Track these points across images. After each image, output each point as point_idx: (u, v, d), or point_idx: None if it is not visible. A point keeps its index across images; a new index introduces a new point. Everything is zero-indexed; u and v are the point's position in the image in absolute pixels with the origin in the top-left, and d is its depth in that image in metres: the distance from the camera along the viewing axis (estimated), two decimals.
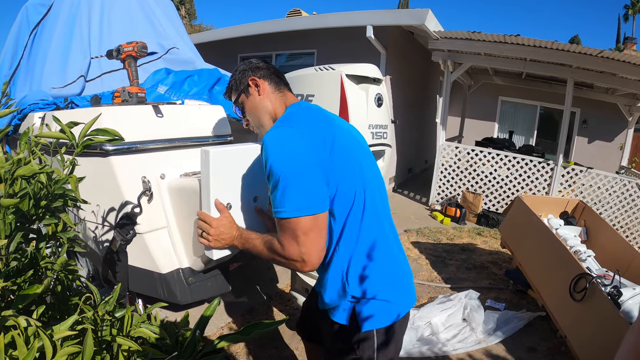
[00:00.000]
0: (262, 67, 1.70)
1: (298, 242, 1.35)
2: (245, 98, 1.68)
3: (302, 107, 1.61)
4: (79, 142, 1.22)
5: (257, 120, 1.68)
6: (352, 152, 1.51)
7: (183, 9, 38.37)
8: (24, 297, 0.96)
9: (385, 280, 1.50)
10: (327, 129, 1.46)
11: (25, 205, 1.12)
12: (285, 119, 1.53)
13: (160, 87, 3.22)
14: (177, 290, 2.21)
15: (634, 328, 1.02)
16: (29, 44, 3.63)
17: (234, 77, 1.72)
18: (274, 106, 1.65)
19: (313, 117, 1.54)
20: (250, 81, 1.66)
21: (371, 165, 1.61)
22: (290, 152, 1.34)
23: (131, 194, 2.12)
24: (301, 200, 1.32)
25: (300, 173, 1.33)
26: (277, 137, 1.38)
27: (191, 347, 0.91)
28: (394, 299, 1.51)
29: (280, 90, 1.68)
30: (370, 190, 1.51)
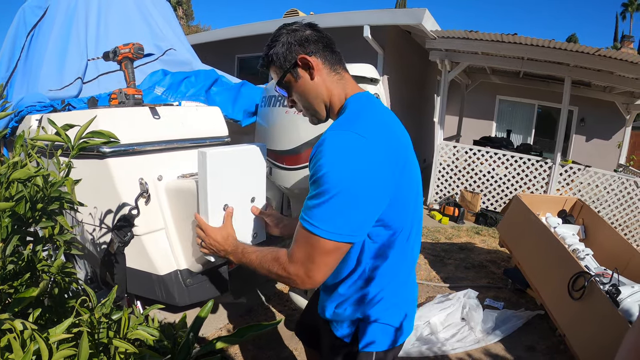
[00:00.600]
0: (312, 38, 1.37)
1: (312, 260, 1.21)
2: (293, 79, 1.39)
3: (370, 106, 1.35)
4: (75, 145, 1.22)
5: (308, 105, 1.43)
6: (415, 175, 1.37)
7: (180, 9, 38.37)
8: (20, 300, 0.96)
9: (397, 306, 1.42)
10: (400, 145, 1.30)
11: (21, 208, 1.12)
12: (352, 120, 1.26)
13: (157, 89, 3.22)
14: (175, 292, 2.21)
15: (634, 327, 1.02)
16: (26, 46, 3.62)
17: (274, 49, 1.39)
18: (330, 94, 1.39)
19: (386, 124, 1.30)
20: (299, 60, 1.35)
21: (420, 188, 1.44)
22: (356, 168, 1.14)
23: (128, 196, 2.11)
24: (342, 225, 1.17)
25: (356, 196, 1.15)
26: (344, 146, 1.16)
27: (185, 349, 0.91)
28: (399, 324, 1.43)
29: (337, 72, 1.40)
30: (415, 216, 1.40)
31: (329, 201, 1.15)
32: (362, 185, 1.15)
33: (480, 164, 7.61)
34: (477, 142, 9.46)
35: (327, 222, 1.16)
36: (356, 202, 1.15)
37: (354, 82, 1.44)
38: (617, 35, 43.64)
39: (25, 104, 2.80)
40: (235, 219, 1.68)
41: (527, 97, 12.23)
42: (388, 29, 7.77)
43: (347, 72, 1.44)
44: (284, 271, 1.28)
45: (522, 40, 6.47)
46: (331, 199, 1.14)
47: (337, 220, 1.16)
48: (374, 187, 1.17)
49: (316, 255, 1.20)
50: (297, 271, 1.24)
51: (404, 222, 1.33)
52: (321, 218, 1.16)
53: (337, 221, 1.16)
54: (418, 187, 1.41)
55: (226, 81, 3.47)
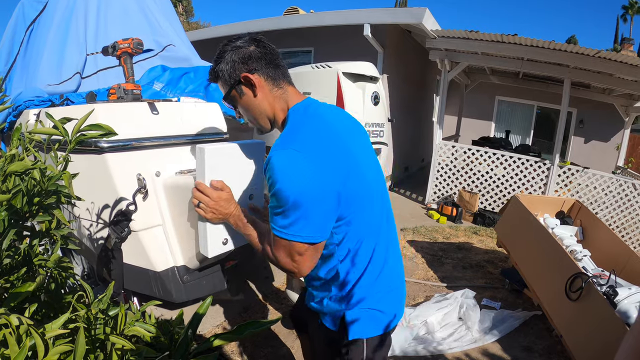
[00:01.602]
0: (254, 55, 1.40)
1: (292, 259, 1.34)
2: (237, 95, 1.45)
3: (307, 116, 1.40)
4: (72, 138, 1.21)
5: (252, 119, 1.50)
6: (364, 174, 1.42)
7: (180, 6, 38.27)
8: (17, 295, 0.95)
9: (381, 292, 1.49)
10: (340, 152, 1.34)
11: (18, 202, 1.11)
12: (290, 137, 1.32)
13: (156, 84, 3.21)
14: (172, 288, 2.20)
15: (632, 330, 1.01)
16: (25, 40, 3.61)
17: (220, 66, 1.44)
18: (273, 108, 1.45)
19: (322, 134, 1.35)
20: (242, 78, 1.40)
21: (377, 176, 1.52)
22: (298, 184, 1.23)
23: (126, 192, 2.11)
24: (304, 229, 1.27)
25: (309, 204, 1.25)
26: (287, 164, 1.24)
27: (183, 346, 0.90)
28: (384, 308, 1.50)
29: (280, 87, 1.45)
30: (375, 208, 1.47)
31: (285, 212, 1.26)
32: (308, 195, 1.24)
33: (479, 164, 7.61)
34: (475, 142, 9.46)
35: (288, 228, 1.28)
36: (306, 210, 1.25)
37: (295, 93, 1.49)
38: (617, 37, 43.72)
39: (23, 99, 2.79)
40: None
41: (526, 98, 12.23)
42: (388, 28, 7.76)
43: (290, 85, 1.49)
44: (275, 261, 1.39)
45: (522, 41, 6.46)
46: (286, 210, 1.26)
47: (296, 226, 1.27)
48: (319, 194, 1.26)
49: (293, 254, 1.32)
50: (284, 264, 1.37)
51: (363, 215, 1.40)
52: (283, 225, 1.29)
53: (296, 227, 1.27)
54: (374, 180, 1.49)
55: None
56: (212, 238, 1.66)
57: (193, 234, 2.03)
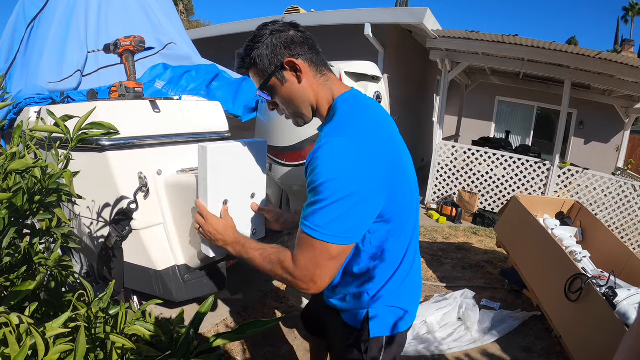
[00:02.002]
0: (297, 40, 1.33)
1: (318, 265, 1.21)
2: (279, 84, 1.35)
3: (359, 107, 1.34)
4: (74, 136, 1.20)
5: (294, 108, 1.40)
6: (407, 170, 1.38)
7: (181, 4, 38.23)
8: (17, 294, 0.95)
9: (404, 290, 1.45)
10: (390, 145, 1.30)
11: (18, 200, 1.10)
12: (343, 124, 1.26)
13: (158, 83, 3.21)
14: (172, 287, 2.20)
15: (631, 331, 1.01)
16: (26, 38, 3.61)
17: (257, 51, 1.33)
18: (318, 96, 1.36)
19: (376, 125, 1.30)
20: (286, 63, 1.31)
21: (414, 177, 1.47)
22: (352, 173, 1.15)
23: (127, 190, 2.10)
24: (343, 227, 1.18)
25: (354, 199, 1.16)
26: (339, 152, 1.16)
27: (185, 345, 0.90)
28: (408, 307, 1.47)
29: (323, 73, 1.38)
30: (413, 207, 1.42)
31: (329, 206, 1.15)
32: (359, 188, 1.16)
33: (479, 165, 7.61)
34: (475, 143, 9.46)
35: (328, 226, 1.17)
36: (355, 205, 1.17)
37: (339, 82, 1.42)
38: (618, 38, 43.71)
39: (24, 96, 2.79)
40: (234, 214, 1.67)
41: (527, 99, 12.22)
42: (389, 28, 7.75)
43: (332, 72, 1.43)
44: (289, 275, 1.26)
45: (523, 42, 6.46)
46: (331, 204, 1.15)
47: (338, 223, 1.17)
48: (370, 188, 1.19)
49: (321, 260, 1.20)
50: (303, 276, 1.23)
51: (403, 214, 1.35)
52: (322, 223, 1.17)
53: (338, 225, 1.17)
54: (413, 179, 1.44)
55: (227, 76, 3.46)
56: None
57: (194, 233, 2.02)
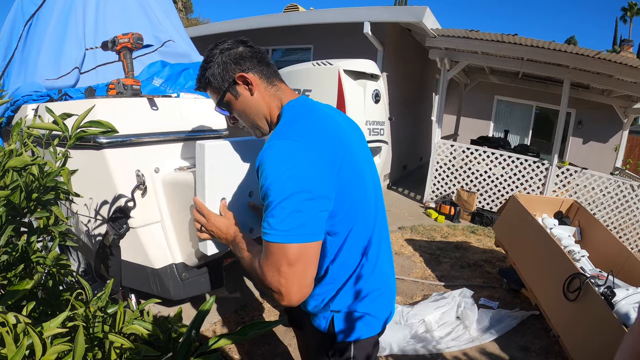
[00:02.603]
0: (246, 55, 1.39)
1: (280, 272, 1.19)
2: (233, 98, 1.41)
3: (303, 111, 1.37)
4: (72, 134, 1.19)
5: (250, 122, 1.46)
6: (358, 167, 1.37)
7: (180, 2, 38.19)
8: (14, 293, 0.94)
9: (371, 294, 1.43)
10: (335, 143, 1.29)
11: (16, 197, 1.09)
12: (286, 128, 1.28)
13: (156, 80, 3.19)
14: (170, 285, 2.19)
15: (631, 331, 1.01)
16: (24, 35, 3.59)
17: (209, 70, 1.40)
18: (269, 107, 1.41)
19: (318, 125, 1.31)
20: (237, 78, 1.37)
21: (372, 172, 1.48)
22: (294, 173, 1.16)
23: (125, 188, 2.09)
24: (295, 224, 1.16)
25: (303, 196, 1.16)
26: (281, 154, 1.18)
27: (186, 346, 0.89)
28: (372, 311, 1.44)
29: (274, 84, 1.42)
30: (369, 203, 1.41)
31: (277, 207, 1.16)
32: (304, 187, 1.17)
33: (477, 164, 7.62)
34: (474, 142, 9.47)
35: (281, 225, 1.16)
36: (301, 202, 1.16)
37: (289, 90, 1.45)
38: (617, 38, 43.78)
39: (21, 93, 2.78)
40: (232, 213, 1.67)
41: (525, 98, 12.24)
42: (388, 26, 7.75)
43: (283, 82, 1.46)
44: (262, 280, 1.25)
45: (522, 41, 6.46)
46: (278, 204, 1.16)
47: (290, 221, 1.16)
48: (315, 185, 1.19)
49: (282, 265, 1.18)
50: (270, 284, 1.22)
51: (358, 207, 1.35)
52: (275, 224, 1.17)
53: (290, 222, 1.16)
54: (369, 170, 1.45)
55: None
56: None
57: (192, 231, 2.01)
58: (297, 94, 1.46)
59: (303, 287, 1.23)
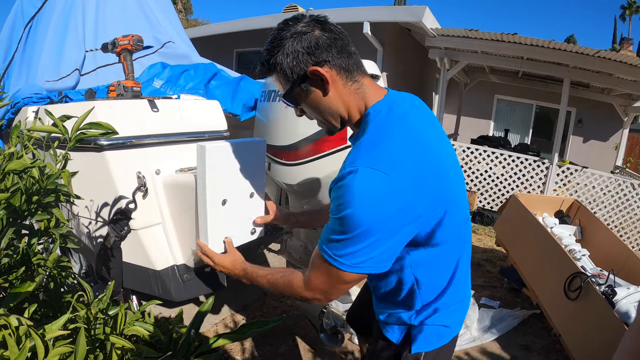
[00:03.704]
0: (323, 43, 1.15)
1: (332, 287, 1.19)
2: (303, 94, 1.21)
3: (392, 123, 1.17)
4: (72, 136, 1.20)
5: (321, 119, 1.29)
6: (456, 187, 1.25)
7: (179, 3, 38.19)
8: (16, 295, 0.94)
9: (450, 308, 1.34)
10: (434, 173, 1.13)
11: (17, 200, 1.10)
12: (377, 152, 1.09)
13: (156, 82, 3.20)
14: (171, 287, 2.19)
15: (631, 330, 1.02)
16: (24, 37, 3.59)
17: (276, 57, 1.17)
18: (348, 107, 1.22)
19: (413, 144, 1.13)
20: (310, 73, 1.15)
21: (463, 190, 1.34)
22: (379, 210, 1.05)
23: (126, 190, 2.09)
24: (362, 259, 1.10)
25: (383, 235, 1.08)
26: (370, 188, 1.04)
27: (186, 346, 0.90)
28: (452, 324, 1.36)
29: (355, 79, 1.20)
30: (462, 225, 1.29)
31: (350, 239, 1.08)
32: (384, 226, 1.07)
33: (478, 163, 7.61)
34: (474, 141, 9.46)
35: (346, 257, 1.11)
36: (377, 240, 1.08)
37: (373, 87, 1.25)
38: (616, 37, 43.75)
39: (21, 96, 2.78)
40: (233, 214, 1.67)
41: (526, 97, 12.22)
42: (388, 26, 7.75)
43: (366, 76, 1.25)
44: (299, 295, 1.26)
45: (522, 40, 6.46)
46: (352, 237, 1.08)
47: (357, 255, 1.10)
48: (399, 223, 1.09)
49: (337, 284, 1.18)
50: (315, 296, 1.23)
51: (453, 232, 1.24)
52: (341, 253, 1.11)
53: (357, 257, 1.10)
54: (462, 193, 1.32)
55: (225, 75, 3.45)
56: (213, 237, 1.65)
57: (193, 233, 2.02)
58: (383, 90, 1.27)
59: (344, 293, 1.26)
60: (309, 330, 3.13)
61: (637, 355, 0.97)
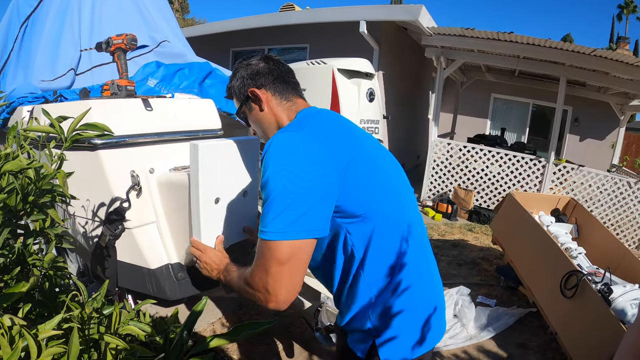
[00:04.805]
0: (262, 71, 1.42)
1: (269, 272, 1.14)
2: (247, 110, 1.47)
3: (314, 111, 1.40)
4: (68, 137, 1.20)
5: (261, 133, 1.49)
6: (379, 165, 1.32)
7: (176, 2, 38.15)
8: (10, 295, 0.94)
9: (416, 316, 1.30)
10: (344, 135, 1.29)
11: (12, 200, 1.10)
12: (293, 124, 1.33)
13: (150, 81, 3.19)
14: (166, 286, 2.18)
15: (632, 329, 1.02)
16: (20, 37, 3.58)
17: (232, 82, 1.49)
18: (281, 118, 1.41)
19: (328, 121, 1.35)
20: (249, 92, 1.42)
21: (398, 172, 1.42)
22: (291, 165, 1.12)
23: (120, 189, 2.09)
24: (287, 221, 1.10)
25: (298, 190, 1.11)
26: (281, 144, 1.16)
27: (179, 346, 0.90)
28: (421, 335, 1.29)
29: (289, 99, 1.43)
30: (398, 207, 1.31)
31: (275, 202, 1.11)
32: (300, 179, 1.11)
33: (474, 162, 7.63)
34: (471, 140, 9.46)
35: (275, 223, 1.11)
36: (296, 197, 1.11)
37: (305, 102, 1.47)
38: (613, 36, 43.89)
39: (17, 95, 2.77)
40: (226, 213, 1.68)
41: (522, 96, 12.25)
42: (384, 25, 7.76)
43: (300, 98, 1.47)
44: (249, 288, 1.23)
45: (518, 39, 6.47)
46: (277, 199, 1.11)
47: (284, 218, 1.10)
48: (316, 172, 1.13)
49: (271, 265, 1.13)
50: (257, 285, 1.18)
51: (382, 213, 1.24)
52: (270, 222, 1.12)
53: (284, 219, 1.10)
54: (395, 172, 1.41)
55: (220, 74, 3.45)
56: (206, 235, 1.65)
57: (187, 231, 2.02)
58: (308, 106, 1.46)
59: (292, 289, 1.17)
60: (304, 330, 3.13)
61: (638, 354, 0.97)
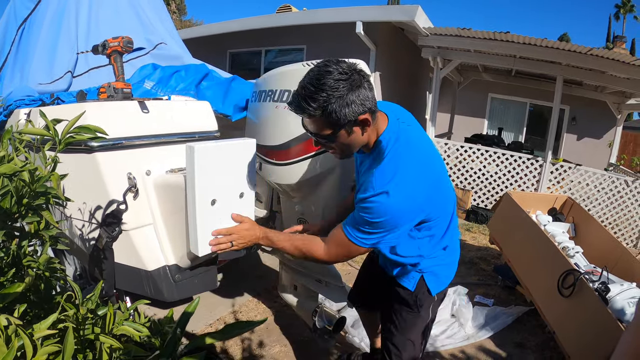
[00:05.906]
0: (370, 95, 1.35)
1: (339, 254, 1.60)
2: (345, 135, 1.39)
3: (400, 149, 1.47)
4: (62, 140, 1.20)
5: (347, 153, 1.51)
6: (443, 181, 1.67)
7: (173, 4, 38.10)
8: (5, 296, 0.95)
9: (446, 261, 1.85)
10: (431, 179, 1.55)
11: (7, 203, 1.10)
12: (393, 171, 1.44)
13: (147, 83, 3.20)
14: (163, 287, 2.19)
15: (630, 328, 1.02)
16: (17, 39, 3.59)
17: (332, 105, 1.29)
18: (370, 138, 1.48)
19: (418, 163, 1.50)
20: (360, 119, 1.35)
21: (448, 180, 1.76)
22: (399, 218, 1.46)
23: (116, 191, 2.10)
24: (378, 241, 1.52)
25: (391, 232, 1.50)
26: (395, 205, 1.43)
27: (172, 345, 0.90)
28: (448, 274, 1.90)
29: (375, 114, 1.44)
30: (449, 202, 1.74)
31: (375, 232, 1.49)
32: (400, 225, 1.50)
33: (472, 161, 7.64)
34: (468, 140, 9.48)
35: (367, 240, 1.52)
36: (392, 231, 1.50)
37: (380, 116, 1.51)
38: (610, 35, 43.92)
39: (14, 98, 2.78)
40: (223, 215, 1.68)
41: (519, 96, 12.24)
42: (381, 26, 7.76)
43: (377, 108, 1.46)
44: (318, 259, 1.64)
45: (515, 39, 6.48)
46: (377, 231, 1.49)
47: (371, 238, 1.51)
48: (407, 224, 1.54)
49: (352, 253, 1.59)
50: (328, 258, 1.64)
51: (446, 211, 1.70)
52: (364, 237, 1.52)
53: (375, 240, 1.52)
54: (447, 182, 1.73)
55: (217, 76, 3.46)
56: (203, 236, 1.66)
57: (184, 233, 2.02)
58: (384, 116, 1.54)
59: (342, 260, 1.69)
60: (302, 330, 3.14)
61: (637, 353, 0.97)
